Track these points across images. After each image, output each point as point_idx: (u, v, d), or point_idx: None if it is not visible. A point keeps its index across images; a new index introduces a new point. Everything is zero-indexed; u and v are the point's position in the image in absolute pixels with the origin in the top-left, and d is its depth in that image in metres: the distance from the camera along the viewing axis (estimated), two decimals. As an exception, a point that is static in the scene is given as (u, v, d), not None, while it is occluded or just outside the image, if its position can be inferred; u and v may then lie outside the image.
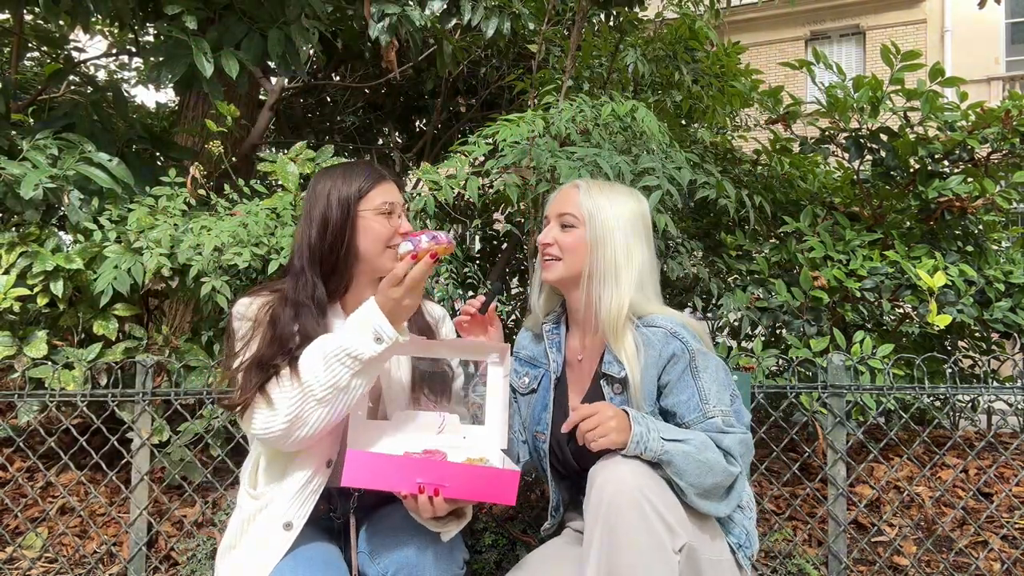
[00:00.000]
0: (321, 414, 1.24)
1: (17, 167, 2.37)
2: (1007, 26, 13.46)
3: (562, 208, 1.47)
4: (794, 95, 3.10)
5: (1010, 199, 2.76)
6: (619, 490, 1.18)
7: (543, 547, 1.52)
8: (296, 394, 1.24)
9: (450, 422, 1.43)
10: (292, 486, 1.30)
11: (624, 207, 1.45)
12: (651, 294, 1.45)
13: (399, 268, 1.25)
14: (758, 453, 2.65)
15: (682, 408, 1.36)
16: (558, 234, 1.46)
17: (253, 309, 1.37)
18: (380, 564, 1.28)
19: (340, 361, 1.23)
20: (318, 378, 1.23)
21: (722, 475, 1.29)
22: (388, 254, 1.41)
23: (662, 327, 1.38)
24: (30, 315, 2.36)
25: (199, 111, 3.65)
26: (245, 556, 1.29)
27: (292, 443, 1.26)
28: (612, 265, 1.41)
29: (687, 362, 1.35)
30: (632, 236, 1.44)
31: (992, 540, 2.17)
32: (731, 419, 1.36)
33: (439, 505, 1.20)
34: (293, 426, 1.24)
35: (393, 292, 1.24)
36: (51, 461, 2.60)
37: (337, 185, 1.40)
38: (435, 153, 5.16)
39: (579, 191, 1.47)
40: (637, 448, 1.24)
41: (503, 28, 3.23)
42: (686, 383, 1.35)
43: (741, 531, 1.39)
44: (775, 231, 3.03)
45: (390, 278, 1.25)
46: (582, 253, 1.43)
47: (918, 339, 2.84)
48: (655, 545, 1.16)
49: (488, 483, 1.21)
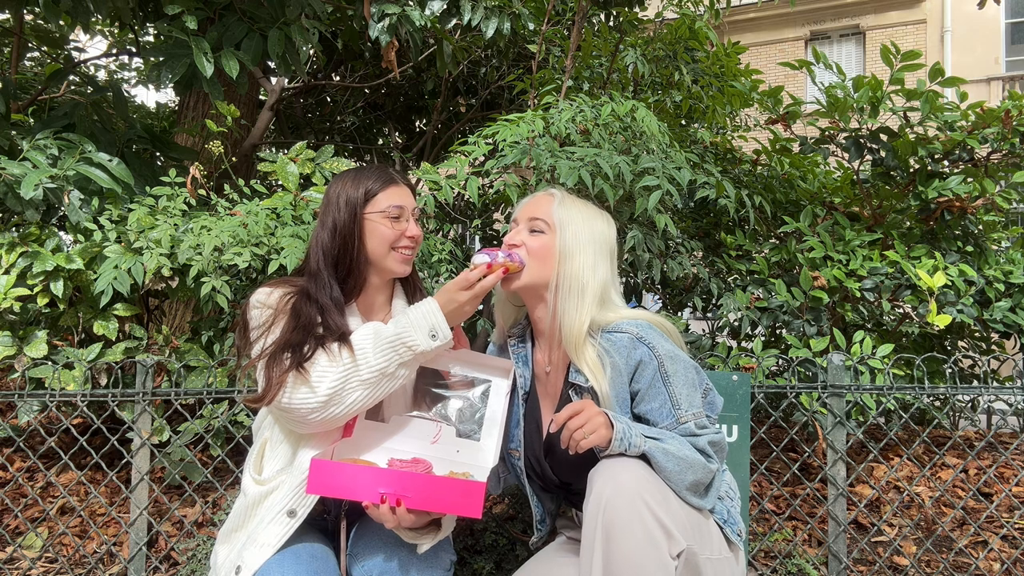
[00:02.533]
0: (359, 395, 1.29)
1: (17, 167, 2.37)
2: (1007, 26, 13.46)
3: (534, 212, 1.45)
4: (794, 95, 3.10)
5: (1010, 199, 2.76)
6: (617, 494, 1.18)
7: (541, 552, 1.52)
8: (342, 370, 1.29)
9: (446, 433, 1.43)
10: (298, 476, 1.31)
11: (595, 226, 1.45)
12: (613, 300, 1.44)
13: (472, 275, 1.33)
14: (758, 453, 2.65)
15: (655, 415, 1.36)
16: (526, 237, 1.44)
17: (274, 297, 1.39)
18: (365, 566, 1.29)
19: (394, 348, 1.29)
20: (367, 360, 1.29)
21: (702, 472, 1.31)
22: (393, 256, 1.43)
23: (627, 332, 1.37)
24: (30, 315, 2.36)
25: (199, 111, 3.65)
26: (247, 538, 1.31)
27: (322, 420, 1.29)
28: (579, 279, 1.39)
29: (655, 368, 1.35)
30: (598, 253, 1.43)
31: (992, 540, 2.17)
32: (703, 420, 1.37)
33: (402, 515, 1.20)
34: (331, 401, 1.28)
35: (460, 295, 1.32)
36: (51, 461, 2.60)
37: (347, 189, 1.43)
38: (435, 153, 5.16)
39: (554, 199, 1.45)
40: (621, 445, 1.24)
41: (503, 28, 3.23)
42: (657, 390, 1.36)
43: (723, 509, 1.40)
44: (775, 231, 3.03)
45: (460, 281, 1.33)
46: (549, 261, 1.40)
47: (918, 339, 2.84)
48: (653, 550, 1.16)
49: (452, 495, 1.19)
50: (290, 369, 1.28)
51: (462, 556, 2.04)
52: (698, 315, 3.07)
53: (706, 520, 1.34)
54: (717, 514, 1.39)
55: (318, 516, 1.41)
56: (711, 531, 1.34)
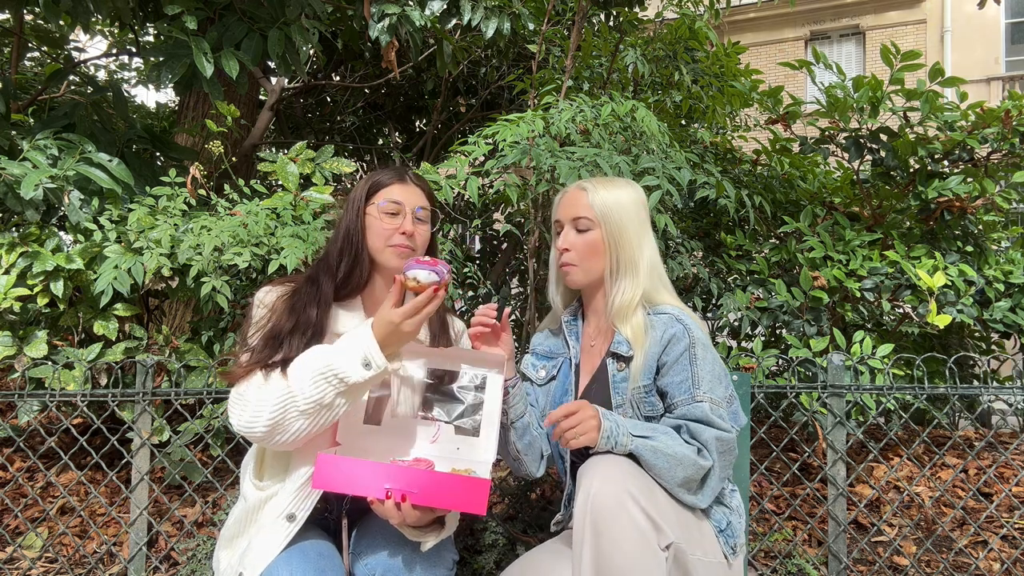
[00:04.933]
0: (302, 425, 1.25)
1: (17, 167, 2.37)
2: (1007, 26, 13.46)
3: (575, 212, 1.50)
4: (794, 95, 3.10)
5: (1010, 199, 2.76)
6: (604, 487, 1.19)
7: (538, 547, 1.53)
8: (281, 399, 1.24)
9: (444, 432, 1.43)
10: (296, 480, 1.32)
11: (629, 199, 1.51)
12: (661, 282, 1.51)
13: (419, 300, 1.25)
14: (758, 453, 2.65)
15: (674, 388, 1.40)
16: (575, 238, 1.50)
17: (271, 297, 1.41)
18: (368, 565, 1.29)
19: (326, 379, 1.23)
20: (303, 390, 1.24)
21: (692, 468, 1.31)
22: (389, 252, 1.43)
23: (670, 313, 1.44)
24: (30, 315, 2.36)
25: (199, 111, 3.65)
26: (248, 544, 1.31)
27: (273, 445, 1.28)
28: (631, 258, 1.47)
29: (686, 346, 1.40)
30: (640, 226, 1.50)
31: (992, 540, 2.17)
32: (721, 411, 1.37)
33: (407, 511, 1.20)
34: (274, 431, 1.25)
35: (405, 325, 1.24)
36: (51, 461, 2.60)
37: (357, 187, 1.47)
38: (435, 153, 5.16)
39: (587, 193, 1.50)
40: (608, 443, 1.27)
41: (503, 28, 3.23)
42: (682, 366, 1.39)
43: (722, 518, 1.40)
44: (775, 231, 3.03)
45: (406, 310, 1.24)
46: (600, 254, 1.48)
47: (918, 339, 2.84)
48: (642, 541, 1.17)
49: (457, 491, 1.19)
50: (256, 365, 1.29)
51: (463, 555, 2.04)
52: (698, 315, 3.07)
53: (699, 521, 1.34)
54: (715, 521, 1.38)
55: (320, 515, 1.41)
56: (704, 533, 1.34)
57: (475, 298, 2.92)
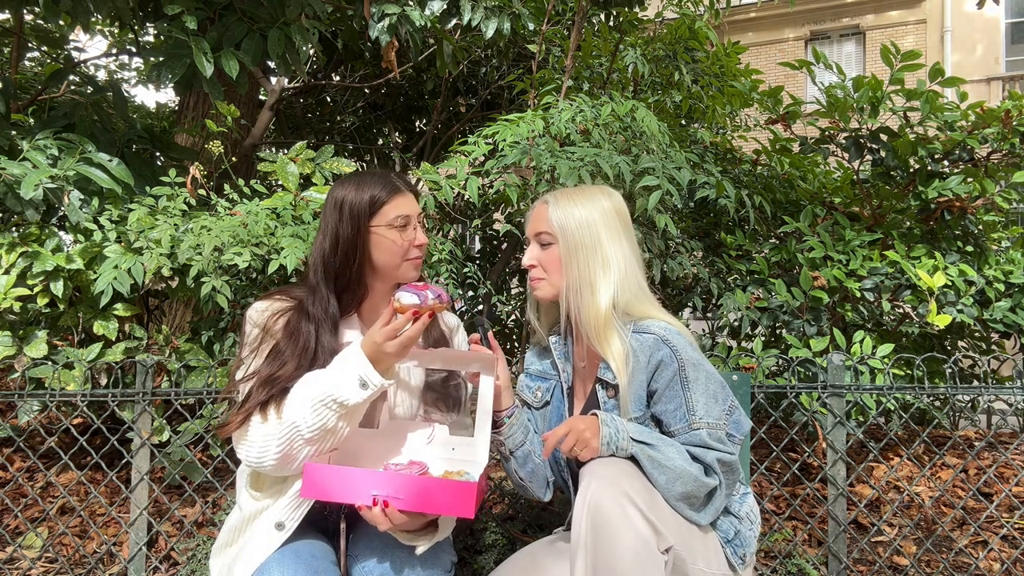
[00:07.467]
0: (310, 451, 1.27)
1: (17, 167, 2.37)
2: (1007, 26, 13.46)
3: (537, 227, 1.47)
4: (794, 95, 3.10)
5: (1010, 199, 2.76)
6: (603, 491, 1.19)
7: (531, 545, 1.53)
8: (285, 432, 1.26)
9: (439, 433, 1.43)
10: (292, 491, 1.32)
11: (594, 210, 1.43)
12: (643, 294, 1.44)
13: (399, 323, 1.25)
14: (759, 453, 2.65)
15: (668, 417, 1.36)
16: (538, 253, 1.46)
17: (264, 316, 1.38)
18: (365, 567, 1.29)
19: (327, 406, 1.25)
20: (306, 420, 1.25)
21: (693, 485, 1.28)
22: (406, 266, 1.42)
23: (655, 334, 1.37)
24: (30, 315, 2.36)
25: (199, 111, 3.65)
26: (237, 553, 1.32)
27: (284, 472, 1.30)
28: (587, 276, 1.40)
29: (675, 371, 1.34)
30: (608, 237, 1.42)
31: (992, 540, 2.17)
32: (719, 434, 1.34)
33: (394, 517, 1.20)
34: (284, 462, 1.27)
35: (387, 347, 1.24)
36: (51, 461, 2.60)
37: (349, 198, 1.39)
38: (435, 153, 5.16)
39: (548, 206, 1.46)
40: (608, 449, 1.27)
41: (503, 28, 3.23)
42: (674, 392, 1.35)
43: (730, 528, 1.38)
44: (775, 231, 3.03)
45: (387, 332, 1.25)
46: (560, 269, 1.43)
47: (918, 339, 2.84)
48: (640, 542, 1.17)
49: (444, 496, 1.19)
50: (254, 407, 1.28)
51: (462, 556, 2.04)
52: (698, 315, 3.07)
53: (703, 532, 1.33)
54: (722, 531, 1.37)
55: (318, 516, 1.41)
56: (708, 544, 1.32)
57: (475, 298, 2.92)
